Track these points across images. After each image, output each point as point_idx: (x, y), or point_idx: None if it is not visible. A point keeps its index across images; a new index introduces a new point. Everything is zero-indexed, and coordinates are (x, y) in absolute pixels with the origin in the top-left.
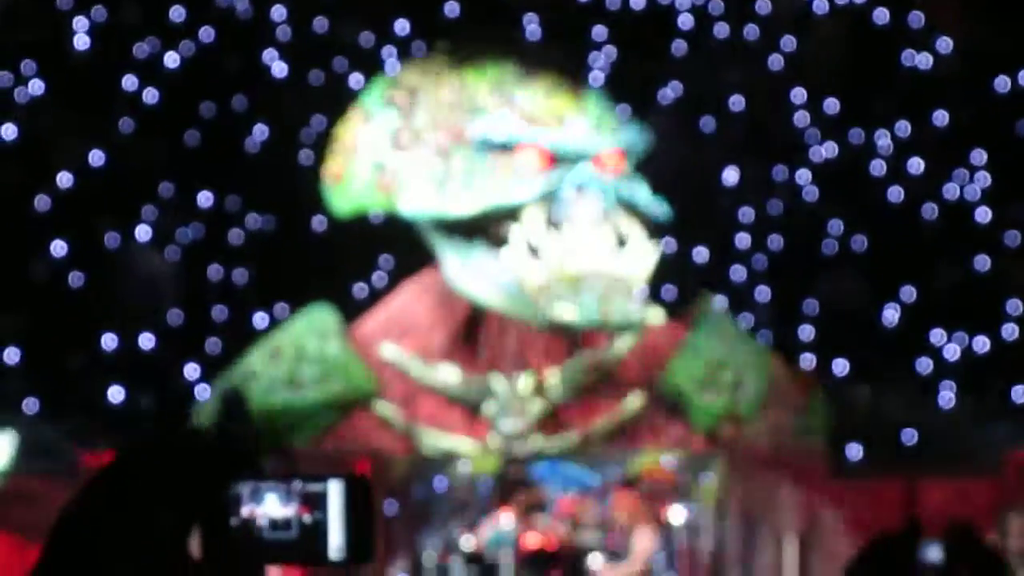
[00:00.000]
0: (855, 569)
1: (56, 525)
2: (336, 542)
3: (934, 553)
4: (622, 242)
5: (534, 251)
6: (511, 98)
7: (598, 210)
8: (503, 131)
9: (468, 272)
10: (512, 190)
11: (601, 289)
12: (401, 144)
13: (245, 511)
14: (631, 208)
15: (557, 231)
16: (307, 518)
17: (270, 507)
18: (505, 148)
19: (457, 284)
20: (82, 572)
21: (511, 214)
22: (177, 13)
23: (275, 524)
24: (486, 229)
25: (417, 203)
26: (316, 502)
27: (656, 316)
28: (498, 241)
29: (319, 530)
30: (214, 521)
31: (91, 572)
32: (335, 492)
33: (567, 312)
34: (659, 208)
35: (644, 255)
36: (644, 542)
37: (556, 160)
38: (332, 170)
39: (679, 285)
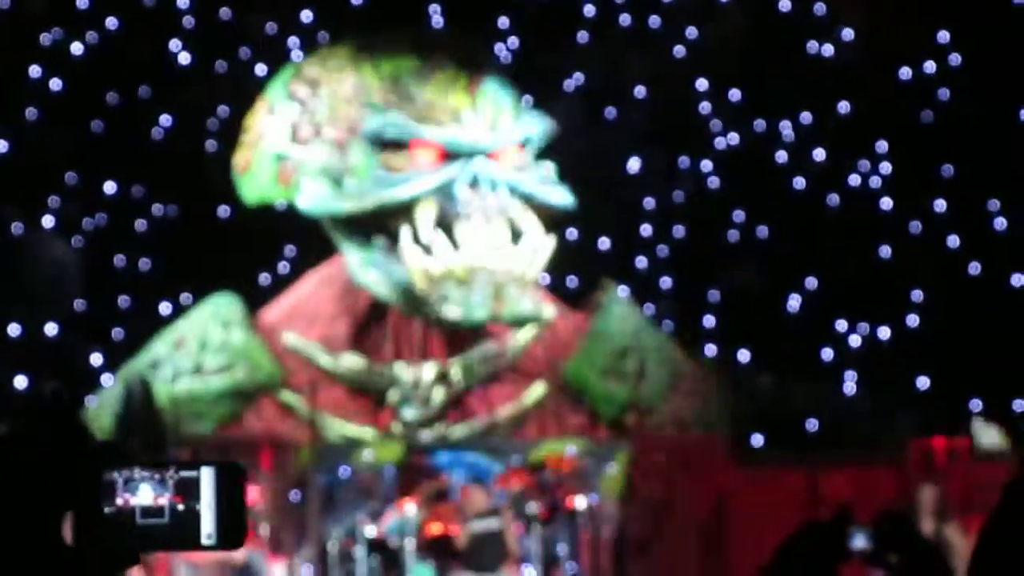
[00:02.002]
0: (784, 556)
1: None
2: (207, 528)
3: (861, 540)
4: (517, 236)
5: (426, 248)
6: (407, 94)
7: (492, 205)
8: (396, 127)
9: (365, 267)
10: (405, 186)
11: (492, 285)
12: (301, 137)
13: (119, 500)
14: (529, 201)
15: (449, 227)
16: (180, 506)
17: (144, 496)
18: (399, 144)
19: (356, 278)
20: None
21: (406, 210)
22: (83, 2)
23: (147, 511)
24: (383, 225)
25: (313, 199)
26: (189, 489)
27: (550, 311)
28: (395, 237)
29: (191, 517)
30: (85, 507)
31: None
32: (207, 479)
33: (452, 311)
34: (561, 198)
35: (538, 249)
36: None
37: (450, 156)
38: (239, 160)
39: (582, 274)
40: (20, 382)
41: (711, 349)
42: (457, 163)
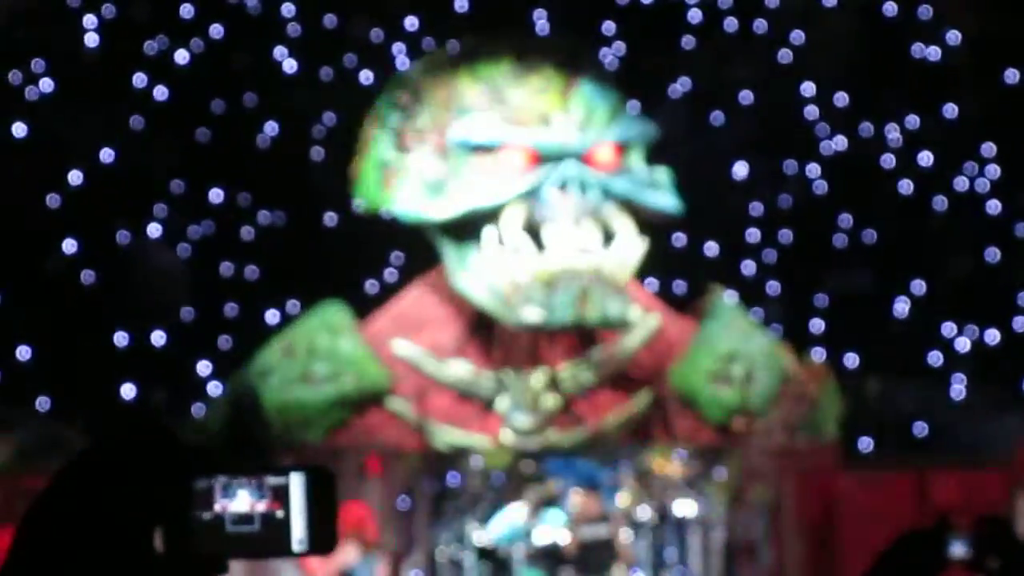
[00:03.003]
0: (883, 565)
1: (25, 517)
2: (298, 535)
3: (960, 549)
4: (609, 238)
5: (511, 252)
6: (499, 97)
7: (581, 207)
8: (485, 132)
9: (460, 272)
10: (494, 190)
11: (577, 287)
12: (403, 144)
13: (217, 507)
14: (627, 204)
15: (536, 230)
16: (270, 513)
17: (241, 503)
18: (488, 149)
19: (454, 284)
20: (49, 563)
21: (496, 214)
22: (187, 10)
23: (238, 518)
24: (475, 230)
25: (407, 205)
26: (280, 495)
27: (638, 313)
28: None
29: (281, 523)
30: (175, 515)
31: (58, 564)
32: (296, 484)
33: (534, 314)
34: (664, 201)
35: (629, 251)
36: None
37: (541, 159)
38: (353, 168)
39: (689, 280)
40: (128, 391)
41: (819, 353)
42: (548, 165)
